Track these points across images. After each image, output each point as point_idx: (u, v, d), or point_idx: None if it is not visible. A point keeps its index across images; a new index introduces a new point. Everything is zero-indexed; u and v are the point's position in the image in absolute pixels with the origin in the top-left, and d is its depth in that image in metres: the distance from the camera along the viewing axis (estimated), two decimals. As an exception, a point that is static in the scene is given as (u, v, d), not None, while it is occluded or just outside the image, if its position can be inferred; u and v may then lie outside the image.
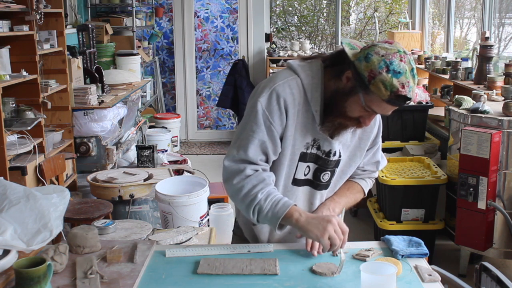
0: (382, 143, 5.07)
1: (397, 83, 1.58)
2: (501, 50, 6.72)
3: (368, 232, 4.49)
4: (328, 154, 1.84)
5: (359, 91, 1.65)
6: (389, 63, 1.58)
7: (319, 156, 1.83)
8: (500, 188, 3.53)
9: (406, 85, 1.59)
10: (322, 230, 1.72)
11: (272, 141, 1.76)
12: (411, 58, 1.63)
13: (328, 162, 1.85)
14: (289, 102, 1.73)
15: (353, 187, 2.00)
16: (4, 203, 1.84)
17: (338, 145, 1.84)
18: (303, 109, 1.76)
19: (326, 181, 1.90)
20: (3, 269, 1.72)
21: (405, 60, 1.60)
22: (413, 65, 1.63)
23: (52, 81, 4.28)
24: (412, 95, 1.63)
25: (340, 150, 1.85)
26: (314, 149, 1.82)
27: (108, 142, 4.71)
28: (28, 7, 3.80)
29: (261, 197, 1.74)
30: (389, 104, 1.64)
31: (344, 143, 1.86)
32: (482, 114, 3.58)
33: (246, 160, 1.76)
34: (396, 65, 1.58)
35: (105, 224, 3.01)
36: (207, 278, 1.71)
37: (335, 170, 1.89)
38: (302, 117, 1.76)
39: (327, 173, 1.87)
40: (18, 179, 3.50)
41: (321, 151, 1.83)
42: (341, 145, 1.85)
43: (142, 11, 7.44)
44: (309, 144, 1.80)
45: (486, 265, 1.79)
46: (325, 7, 9.90)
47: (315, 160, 1.84)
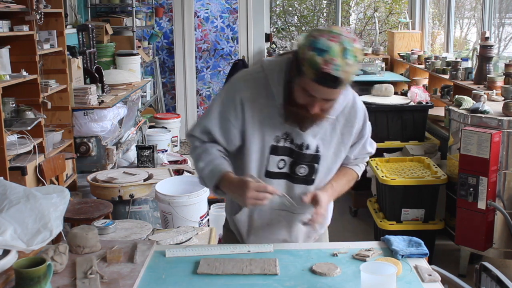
0: (382, 143, 5.04)
1: (320, 60, 1.56)
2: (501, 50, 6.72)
3: (368, 232, 4.49)
4: (301, 147, 1.83)
5: (298, 76, 1.65)
6: (314, 42, 1.58)
7: (292, 149, 1.84)
8: (500, 188, 3.53)
9: (330, 62, 1.56)
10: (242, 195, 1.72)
11: (223, 132, 1.83)
12: (350, 42, 1.59)
13: (302, 155, 1.84)
14: (246, 98, 1.78)
15: (349, 173, 2.00)
16: (4, 203, 1.84)
17: (313, 139, 1.83)
18: (269, 103, 1.78)
19: (304, 175, 1.87)
20: (3, 269, 1.72)
21: (336, 40, 1.57)
22: (347, 46, 1.58)
23: (52, 81, 4.28)
24: (343, 75, 1.58)
25: (317, 145, 1.84)
26: (287, 143, 1.82)
27: (108, 142, 4.71)
28: (28, 7, 3.80)
29: (203, 166, 1.84)
30: (319, 84, 1.61)
31: (324, 139, 1.84)
32: (482, 114, 3.58)
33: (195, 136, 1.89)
34: (320, 43, 1.57)
35: (105, 224, 3.01)
36: (207, 278, 1.71)
37: (314, 166, 1.87)
38: (267, 111, 1.78)
39: (303, 166, 1.86)
40: (18, 179, 3.50)
41: (294, 144, 1.83)
42: (320, 140, 1.84)
43: (142, 11, 7.44)
44: (280, 137, 1.82)
45: (486, 265, 1.80)
46: (325, 7, 9.91)
47: (289, 153, 1.84)
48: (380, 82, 5.28)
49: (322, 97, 1.66)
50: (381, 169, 4.06)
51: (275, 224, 1.93)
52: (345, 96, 1.82)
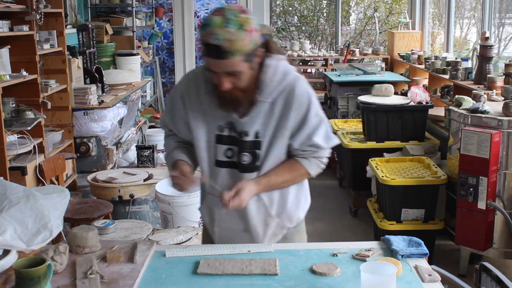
0: (382, 143, 5.02)
1: (204, 33, 1.66)
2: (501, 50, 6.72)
3: (368, 232, 4.49)
4: (241, 134, 1.85)
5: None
6: (203, 19, 1.71)
7: (235, 137, 1.86)
8: (500, 188, 3.53)
9: (210, 33, 1.64)
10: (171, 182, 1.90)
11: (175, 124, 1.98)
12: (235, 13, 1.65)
13: (243, 143, 1.85)
14: (186, 92, 1.90)
15: (293, 166, 1.93)
16: (4, 203, 1.84)
17: (252, 126, 1.84)
18: (209, 95, 1.85)
19: (248, 162, 1.88)
20: (3, 269, 1.72)
21: (219, 14, 1.65)
22: (230, 16, 1.64)
23: (52, 81, 4.28)
24: (224, 43, 1.63)
25: (257, 131, 1.84)
26: (232, 132, 1.86)
27: (108, 142, 4.71)
28: (28, 7, 3.80)
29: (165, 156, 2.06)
30: (208, 57, 1.70)
31: (263, 124, 1.84)
32: (482, 114, 3.58)
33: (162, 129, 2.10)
34: (206, 19, 1.67)
35: (105, 224, 3.02)
36: (207, 278, 1.71)
37: (256, 152, 1.86)
38: (209, 103, 1.85)
39: (245, 154, 1.87)
40: (18, 179, 3.50)
41: (237, 132, 1.86)
42: (259, 126, 1.84)
43: (142, 11, 7.44)
44: (223, 127, 1.87)
45: (486, 265, 1.80)
46: (325, 7, 9.91)
47: (234, 142, 1.87)
48: (380, 82, 5.28)
49: (220, 70, 1.71)
50: (381, 169, 4.06)
51: (233, 213, 1.93)
52: (282, 78, 1.82)
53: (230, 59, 1.66)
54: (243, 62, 1.70)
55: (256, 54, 1.73)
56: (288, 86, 1.82)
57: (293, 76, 1.84)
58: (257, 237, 1.97)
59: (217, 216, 1.98)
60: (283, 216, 1.98)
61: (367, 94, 5.07)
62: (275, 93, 1.82)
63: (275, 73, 1.81)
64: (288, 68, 1.85)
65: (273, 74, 1.80)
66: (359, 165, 4.67)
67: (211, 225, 2.03)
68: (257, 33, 1.70)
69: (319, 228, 4.65)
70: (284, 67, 1.84)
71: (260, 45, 1.73)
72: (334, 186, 5.80)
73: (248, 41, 1.66)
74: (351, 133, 5.02)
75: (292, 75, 1.85)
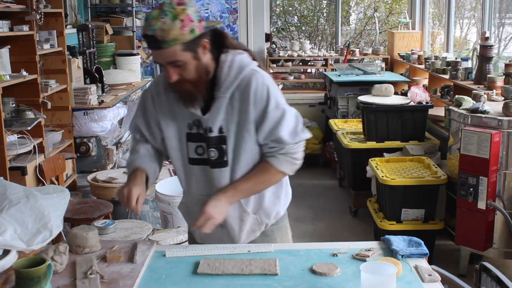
0: (382, 143, 5.02)
1: (143, 27, 1.75)
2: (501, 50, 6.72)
3: (368, 232, 4.49)
4: (206, 131, 1.88)
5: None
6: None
7: (202, 134, 1.90)
8: (500, 188, 3.53)
9: (147, 26, 1.71)
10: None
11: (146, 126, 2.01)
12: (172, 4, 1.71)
13: (210, 139, 1.89)
14: (155, 93, 1.96)
15: (262, 167, 1.92)
16: (4, 203, 1.84)
17: (216, 121, 1.86)
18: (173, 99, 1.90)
19: (216, 158, 1.90)
20: (3, 269, 1.72)
21: (158, 7, 1.73)
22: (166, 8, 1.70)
23: (52, 81, 4.28)
24: (159, 33, 1.68)
25: (221, 126, 1.87)
26: (200, 129, 1.90)
27: (108, 142, 4.71)
28: (28, 7, 3.80)
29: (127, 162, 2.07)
30: (149, 48, 1.78)
31: (226, 119, 1.86)
32: (482, 114, 3.58)
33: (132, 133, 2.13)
34: (147, 14, 1.77)
35: (105, 224, 3.02)
36: (207, 278, 1.71)
37: (222, 147, 1.89)
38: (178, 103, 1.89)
39: (212, 150, 1.90)
40: (18, 179, 3.50)
41: (203, 129, 1.89)
42: (223, 121, 1.86)
43: (142, 11, 7.43)
44: (192, 124, 1.90)
45: (486, 265, 1.80)
46: (325, 7, 9.90)
47: (202, 139, 1.91)
48: (380, 82, 5.28)
49: (162, 61, 1.76)
50: (381, 169, 4.06)
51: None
52: (238, 72, 1.84)
53: (167, 48, 1.71)
54: (183, 52, 1.73)
55: (199, 44, 1.76)
56: (244, 80, 1.84)
57: (249, 70, 1.85)
58: (233, 233, 1.98)
59: (194, 214, 1.97)
60: (260, 212, 1.99)
61: (367, 94, 5.07)
62: (232, 88, 1.84)
63: (230, 68, 1.84)
64: (244, 63, 1.86)
65: (228, 69, 1.83)
66: (359, 165, 4.67)
67: (190, 223, 2.07)
68: (196, 24, 1.73)
69: (319, 228, 4.65)
70: (240, 61, 1.86)
71: (203, 36, 1.76)
72: (334, 186, 5.80)
73: (185, 30, 1.70)
74: (351, 133, 5.02)
75: (248, 69, 1.86)
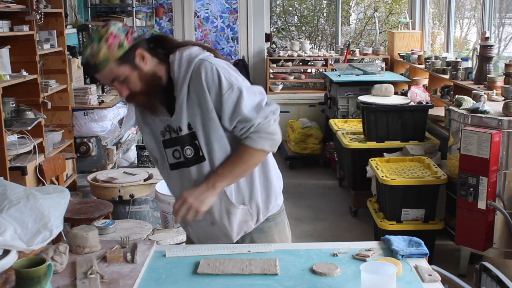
0: (382, 143, 5.02)
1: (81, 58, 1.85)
2: (501, 50, 6.72)
3: (368, 232, 4.49)
4: (177, 131, 1.92)
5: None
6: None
7: (175, 138, 1.93)
8: (500, 188, 3.53)
9: (82, 56, 1.83)
10: None
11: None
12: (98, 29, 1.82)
13: (182, 138, 1.92)
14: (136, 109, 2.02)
15: (239, 150, 1.91)
16: (4, 203, 1.84)
17: (182, 120, 1.88)
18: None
19: (192, 155, 1.91)
20: (3, 269, 1.72)
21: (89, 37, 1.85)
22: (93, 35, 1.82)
23: (52, 81, 4.28)
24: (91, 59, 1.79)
25: (188, 123, 1.89)
26: (172, 134, 1.93)
27: (108, 142, 4.71)
28: (28, 7, 3.80)
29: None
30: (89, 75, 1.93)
31: (192, 114, 1.88)
32: (482, 114, 3.58)
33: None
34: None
35: (105, 224, 3.02)
36: (207, 278, 1.71)
37: (196, 143, 1.90)
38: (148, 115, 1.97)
39: (187, 148, 1.92)
40: (18, 179, 3.50)
41: (174, 132, 1.92)
42: (189, 118, 1.88)
43: (142, 11, 7.43)
44: (164, 131, 1.94)
45: (486, 265, 1.80)
46: (325, 7, 9.90)
47: (176, 142, 1.93)
48: (380, 82, 5.28)
49: (106, 82, 1.87)
50: (381, 169, 4.06)
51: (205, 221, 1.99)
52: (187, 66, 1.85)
53: (103, 69, 1.79)
54: (119, 67, 1.80)
55: (134, 55, 1.82)
56: (194, 71, 1.85)
57: (197, 61, 1.86)
58: (225, 228, 1.97)
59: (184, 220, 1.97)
60: (252, 204, 1.98)
61: (367, 94, 5.07)
62: (186, 83, 1.86)
63: (180, 65, 1.87)
64: (193, 56, 1.87)
65: (178, 67, 1.87)
66: (359, 165, 4.67)
67: (185, 226, 2.11)
68: (123, 38, 1.80)
69: (319, 228, 4.65)
70: (188, 56, 1.87)
71: (136, 47, 1.82)
72: (334, 186, 5.80)
73: (113, 48, 1.78)
74: (351, 133, 5.02)
75: (197, 60, 1.86)
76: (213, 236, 2.01)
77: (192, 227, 2.06)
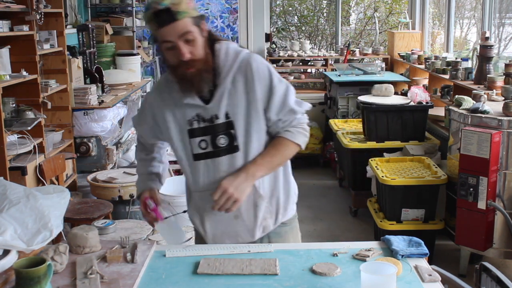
0: (382, 143, 5.03)
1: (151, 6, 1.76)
2: (501, 50, 6.72)
3: (368, 232, 4.49)
4: (211, 120, 1.89)
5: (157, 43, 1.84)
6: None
7: (206, 127, 1.90)
8: (500, 188, 3.53)
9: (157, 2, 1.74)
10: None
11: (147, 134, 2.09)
12: None
13: (216, 127, 1.89)
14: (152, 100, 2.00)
15: (276, 142, 1.93)
16: (4, 203, 1.84)
17: (220, 108, 1.87)
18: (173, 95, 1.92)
19: (226, 144, 1.90)
20: (3, 269, 1.72)
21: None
22: None
23: (52, 81, 4.28)
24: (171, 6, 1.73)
25: (226, 112, 1.87)
26: (201, 123, 1.90)
27: (108, 142, 4.71)
28: (28, 7, 3.80)
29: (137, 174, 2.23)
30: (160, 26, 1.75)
31: (230, 104, 1.87)
32: (482, 114, 3.58)
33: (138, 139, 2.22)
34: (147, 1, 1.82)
35: (105, 224, 3.02)
36: (207, 278, 1.71)
37: (231, 132, 1.89)
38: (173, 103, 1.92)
39: (222, 137, 1.90)
40: (18, 179, 3.49)
41: (206, 121, 1.90)
42: (227, 106, 1.87)
43: (142, 11, 7.43)
44: (192, 120, 1.90)
45: (486, 265, 1.80)
46: (325, 7, 9.90)
47: (205, 132, 1.90)
48: (380, 82, 5.28)
49: (175, 36, 1.76)
50: (381, 169, 4.06)
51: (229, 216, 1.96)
52: (235, 57, 1.88)
53: (181, 19, 1.75)
54: (193, 25, 1.78)
55: (201, 23, 1.82)
56: (243, 62, 1.87)
57: (246, 53, 1.90)
58: (250, 222, 1.96)
59: (206, 211, 1.96)
60: (273, 201, 1.98)
61: (367, 94, 5.07)
62: (232, 72, 1.86)
63: (227, 54, 1.88)
64: (239, 49, 1.91)
65: (225, 55, 1.87)
66: (359, 165, 4.67)
67: (201, 223, 2.03)
68: (195, 5, 1.82)
69: (319, 228, 4.65)
70: (235, 48, 1.91)
71: (201, 18, 1.82)
72: (334, 186, 5.80)
73: (190, 6, 1.78)
74: (351, 133, 5.02)
75: (245, 52, 1.90)
76: (233, 233, 1.98)
77: (212, 223, 1.99)
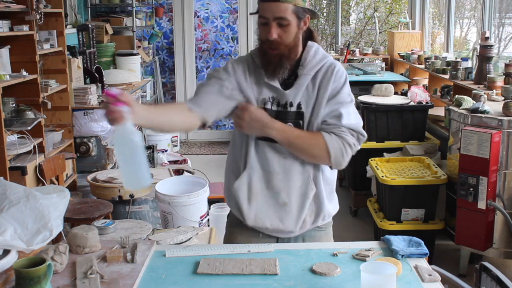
0: (382, 143, 5.03)
1: None
2: (501, 50, 6.72)
3: (368, 232, 4.49)
4: (285, 106, 1.95)
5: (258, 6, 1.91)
6: None
7: (279, 111, 1.95)
8: (500, 188, 3.53)
9: None
10: None
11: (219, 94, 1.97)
12: None
13: (287, 113, 1.95)
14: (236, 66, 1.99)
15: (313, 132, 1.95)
16: (4, 203, 1.84)
17: (295, 97, 1.94)
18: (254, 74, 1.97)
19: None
20: (3, 269, 1.72)
21: None
22: None
23: (52, 81, 4.28)
24: None
25: (299, 102, 1.94)
26: (274, 106, 1.95)
27: (108, 142, 4.71)
28: (28, 7, 3.80)
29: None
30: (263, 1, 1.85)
31: (307, 96, 1.94)
32: (482, 114, 3.58)
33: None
34: None
35: (105, 224, 3.01)
36: (207, 278, 1.71)
37: (299, 123, 1.95)
38: (252, 80, 1.96)
39: (290, 124, 1.94)
40: (18, 179, 3.50)
41: (280, 106, 1.95)
42: (302, 98, 1.94)
43: (142, 11, 7.43)
44: (267, 100, 1.95)
45: (486, 265, 1.80)
46: (325, 7, 9.90)
47: (277, 116, 1.94)
48: (380, 82, 5.28)
49: (271, 15, 1.84)
50: (381, 169, 4.06)
51: (274, 186, 1.97)
52: (322, 58, 1.97)
53: (284, 2, 1.82)
54: (293, 14, 1.85)
55: (304, 16, 1.89)
56: (328, 63, 1.97)
57: (332, 59, 2.00)
58: (297, 212, 1.97)
59: (258, 190, 1.98)
60: (316, 200, 1.99)
61: (367, 94, 5.07)
62: (316, 68, 1.94)
63: (316, 53, 1.97)
64: (326, 54, 2.01)
65: (314, 53, 1.96)
66: (359, 165, 4.67)
67: (248, 200, 1.98)
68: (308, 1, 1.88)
69: (319, 228, 4.65)
70: (324, 52, 2.01)
71: (307, 12, 1.89)
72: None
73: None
74: (351, 133, 5.01)
75: (331, 58, 2.00)
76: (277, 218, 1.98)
77: (259, 203, 1.98)
